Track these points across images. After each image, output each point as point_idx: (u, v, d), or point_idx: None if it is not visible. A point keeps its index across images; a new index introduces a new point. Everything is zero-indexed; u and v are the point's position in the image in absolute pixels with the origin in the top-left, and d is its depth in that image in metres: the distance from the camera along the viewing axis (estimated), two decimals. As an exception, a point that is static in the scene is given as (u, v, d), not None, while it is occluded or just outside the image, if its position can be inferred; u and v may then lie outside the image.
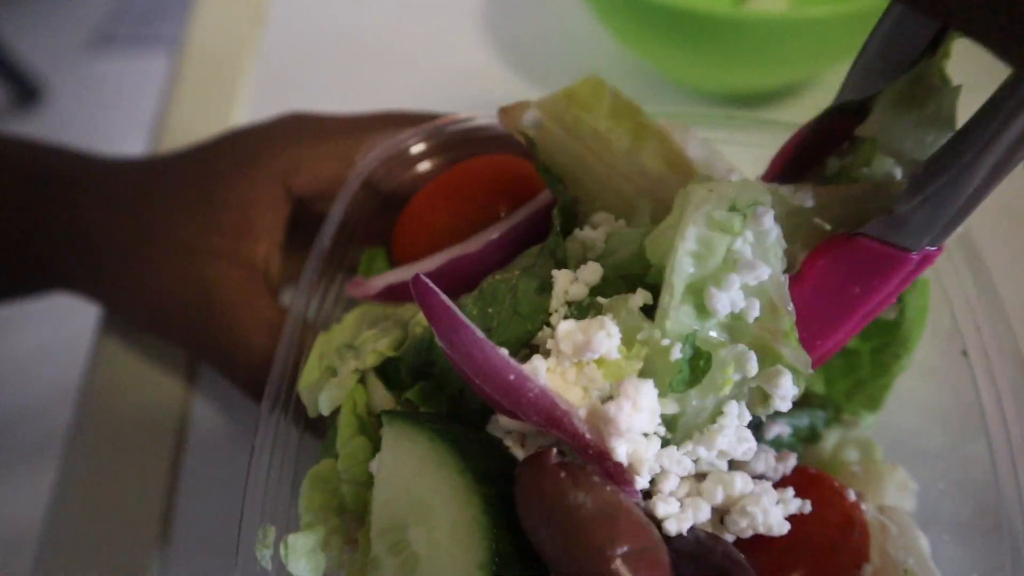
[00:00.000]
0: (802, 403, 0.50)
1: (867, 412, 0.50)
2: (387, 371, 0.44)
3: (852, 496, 0.42)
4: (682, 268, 0.37)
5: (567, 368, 0.37)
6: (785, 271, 0.38)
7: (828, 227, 0.40)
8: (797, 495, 0.41)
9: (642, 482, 0.36)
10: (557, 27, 0.86)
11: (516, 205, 0.49)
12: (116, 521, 0.59)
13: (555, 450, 0.36)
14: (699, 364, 0.37)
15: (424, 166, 0.53)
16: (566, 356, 0.37)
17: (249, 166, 0.55)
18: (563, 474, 0.35)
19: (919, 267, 0.37)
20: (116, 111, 2.69)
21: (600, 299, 0.39)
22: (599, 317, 0.37)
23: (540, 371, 0.36)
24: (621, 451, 0.35)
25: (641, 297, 0.38)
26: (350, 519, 0.42)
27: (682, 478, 0.39)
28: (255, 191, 0.54)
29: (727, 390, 0.38)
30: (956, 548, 0.45)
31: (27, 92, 2.76)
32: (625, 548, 0.33)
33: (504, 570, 0.35)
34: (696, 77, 0.78)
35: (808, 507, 0.40)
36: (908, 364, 0.49)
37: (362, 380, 0.44)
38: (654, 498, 0.38)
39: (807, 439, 0.50)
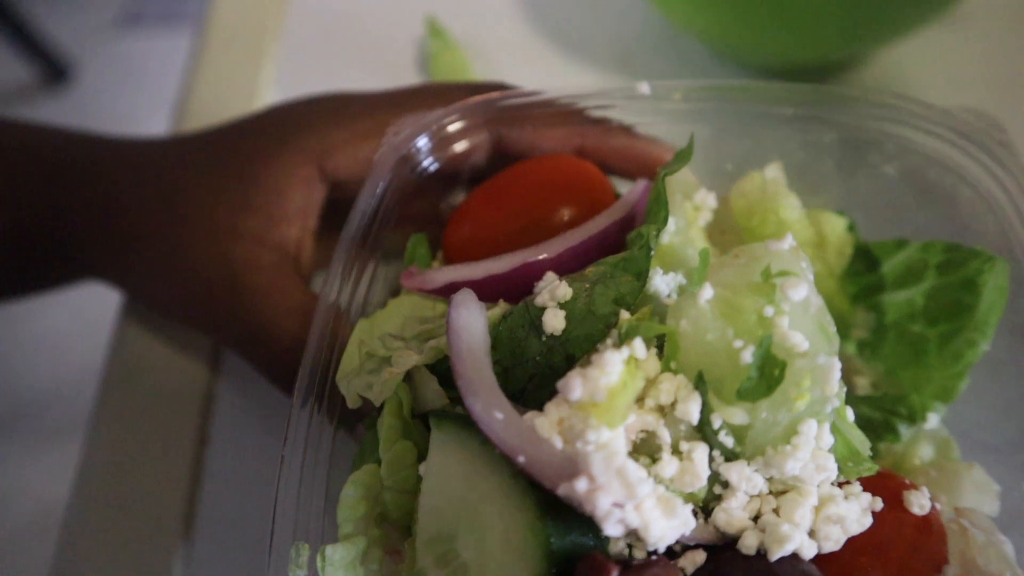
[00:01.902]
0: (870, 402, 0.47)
1: (939, 403, 0.46)
2: (439, 369, 0.40)
3: (927, 495, 0.39)
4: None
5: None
6: None
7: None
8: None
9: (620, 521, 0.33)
10: (600, 1, 0.82)
11: (579, 209, 0.47)
12: (140, 506, 0.57)
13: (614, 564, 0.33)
14: (772, 373, 0.34)
15: (462, 145, 0.50)
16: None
17: (282, 145, 0.53)
18: None
19: None
20: (144, 90, 2.69)
21: (667, 299, 0.38)
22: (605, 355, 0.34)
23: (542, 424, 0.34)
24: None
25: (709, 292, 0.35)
26: (391, 530, 0.39)
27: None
28: (288, 171, 0.52)
29: (801, 405, 0.35)
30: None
31: (55, 72, 2.76)
32: None
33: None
34: (742, 49, 0.74)
35: (879, 503, 0.38)
36: (985, 350, 0.45)
37: (407, 379, 0.41)
38: (716, 513, 0.36)
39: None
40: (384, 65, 0.63)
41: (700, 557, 0.36)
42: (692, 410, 0.34)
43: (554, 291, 0.39)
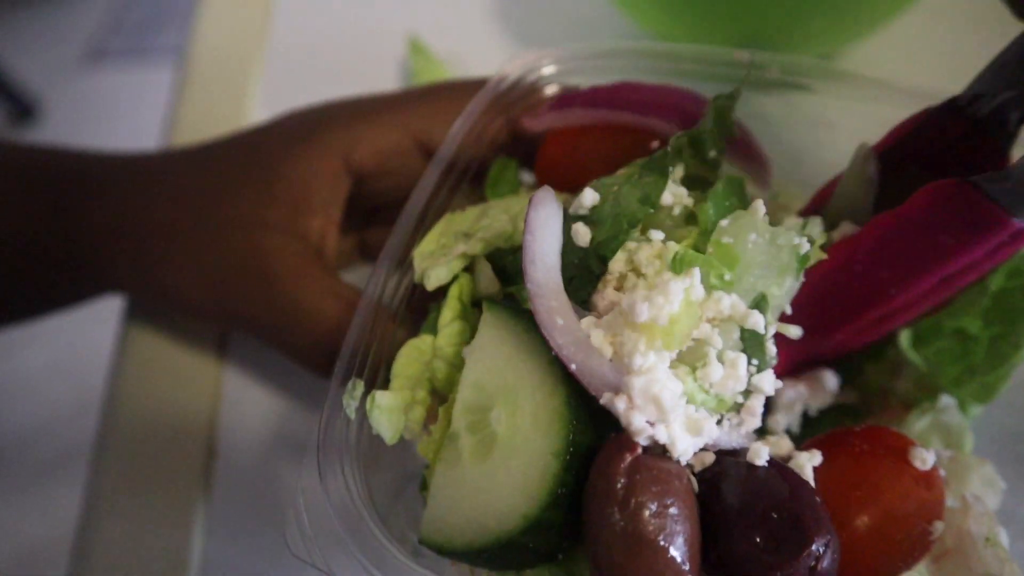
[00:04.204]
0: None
1: (976, 403, 0.47)
2: (497, 260, 0.44)
3: (932, 454, 0.40)
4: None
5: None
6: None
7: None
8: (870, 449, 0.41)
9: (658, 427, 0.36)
10: (570, 12, 0.84)
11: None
12: (160, 464, 0.59)
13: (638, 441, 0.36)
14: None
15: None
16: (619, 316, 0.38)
17: (306, 141, 0.54)
18: (630, 458, 0.35)
19: (1014, 242, 0.38)
20: (112, 125, 2.64)
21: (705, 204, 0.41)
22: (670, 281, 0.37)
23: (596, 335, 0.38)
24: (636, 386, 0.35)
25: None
26: (434, 398, 0.43)
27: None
28: (313, 165, 0.53)
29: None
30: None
31: (22, 109, 2.74)
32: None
33: (574, 462, 0.36)
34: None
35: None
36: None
37: (469, 268, 0.45)
38: (742, 415, 0.39)
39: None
40: (368, 84, 0.64)
41: (709, 458, 0.38)
42: (758, 321, 0.38)
43: (583, 199, 0.42)
